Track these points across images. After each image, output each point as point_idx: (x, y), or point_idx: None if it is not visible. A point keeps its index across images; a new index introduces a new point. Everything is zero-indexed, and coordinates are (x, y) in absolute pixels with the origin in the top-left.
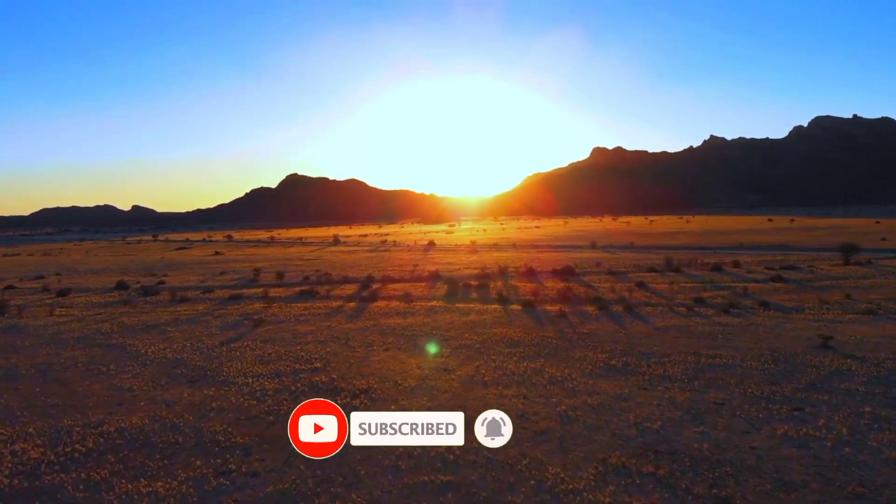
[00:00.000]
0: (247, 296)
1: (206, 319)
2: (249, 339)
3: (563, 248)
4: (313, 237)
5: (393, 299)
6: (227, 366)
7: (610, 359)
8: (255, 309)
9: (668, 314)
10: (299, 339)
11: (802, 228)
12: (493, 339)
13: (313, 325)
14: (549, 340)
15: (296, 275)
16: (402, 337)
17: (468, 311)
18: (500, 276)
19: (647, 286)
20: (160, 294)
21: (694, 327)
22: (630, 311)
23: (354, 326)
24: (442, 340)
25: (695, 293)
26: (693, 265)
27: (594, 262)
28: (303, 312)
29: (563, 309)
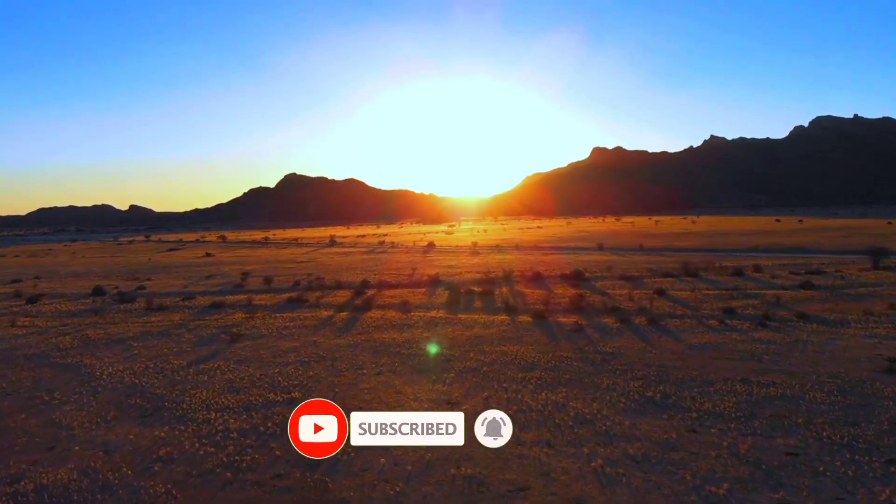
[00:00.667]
0: (229, 303)
1: (178, 333)
2: (223, 358)
3: (569, 250)
4: (309, 238)
5: (389, 308)
6: (191, 394)
7: (644, 388)
8: (235, 320)
9: (698, 328)
10: (279, 359)
11: (814, 230)
12: (503, 359)
13: (297, 340)
14: (569, 362)
15: (286, 279)
16: (398, 356)
17: (472, 323)
18: (504, 282)
19: (667, 294)
20: (136, 301)
21: (732, 345)
22: (655, 324)
23: (344, 342)
24: (443, 361)
25: (722, 302)
26: (711, 269)
27: (604, 266)
28: (287, 324)
29: (579, 321)
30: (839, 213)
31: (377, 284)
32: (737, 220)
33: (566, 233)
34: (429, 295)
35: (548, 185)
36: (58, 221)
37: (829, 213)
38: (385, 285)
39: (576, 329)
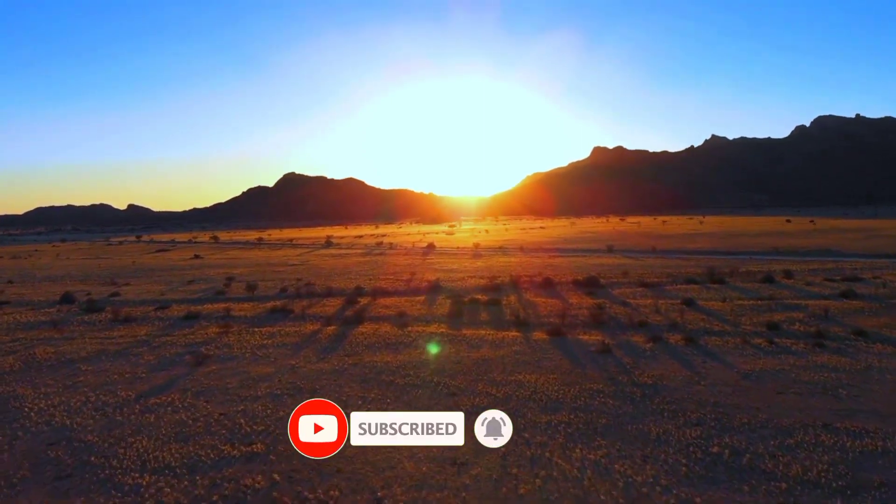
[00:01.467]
0: (205, 314)
1: (138, 353)
2: (180, 388)
3: (577, 253)
4: (305, 238)
5: (383, 321)
6: (127, 444)
7: (706, 440)
8: (206, 336)
9: (744, 350)
10: (247, 391)
11: (829, 231)
12: (520, 394)
13: (273, 364)
14: (602, 399)
15: (273, 284)
16: (391, 388)
17: (479, 341)
18: (512, 289)
19: (696, 304)
20: (104, 311)
21: (793, 373)
22: (693, 343)
23: (328, 367)
24: (447, 395)
25: (761, 315)
26: (736, 275)
27: (619, 270)
28: (265, 342)
29: (605, 340)
30: (850, 214)
31: (372, 291)
32: (745, 221)
33: (571, 233)
34: (428, 304)
35: (548, 184)
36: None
37: (839, 214)
38: (380, 292)
39: (602, 350)
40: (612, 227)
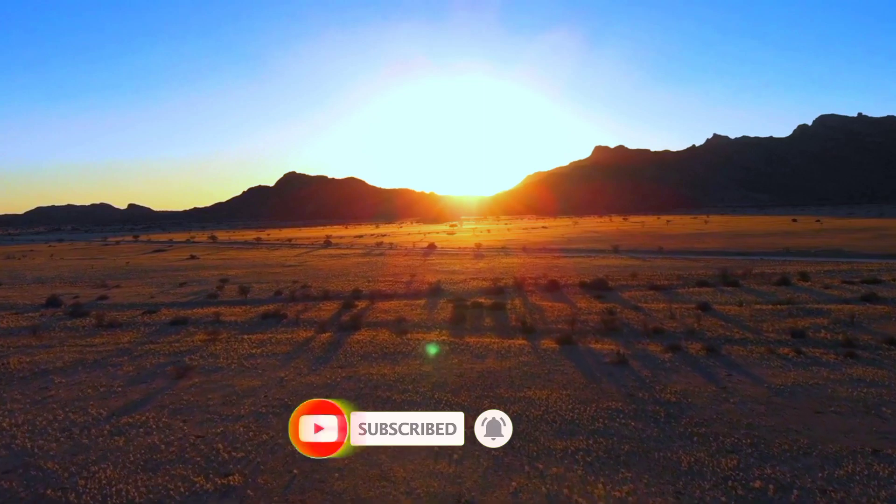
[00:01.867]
0: (194, 319)
1: (118, 363)
2: (157, 404)
3: (582, 253)
4: (304, 238)
5: (381, 327)
6: (90, 474)
7: (746, 472)
8: (192, 344)
9: (771, 361)
10: (229, 409)
11: (838, 230)
12: (530, 413)
13: (260, 376)
14: (622, 420)
15: (268, 287)
16: (388, 405)
17: (484, 350)
18: (516, 292)
19: (712, 309)
20: (89, 316)
21: (828, 388)
22: (715, 353)
23: (319, 381)
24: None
25: (782, 321)
26: (750, 277)
27: (626, 272)
28: (254, 350)
29: (619, 350)
30: (856, 213)
31: (370, 295)
32: (750, 220)
33: (574, 233)
34: (429, 309)
35: (549, 184)
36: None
37: (845, 213)
38: (379, 295)
39: (617, 361)
40: (616, 227)
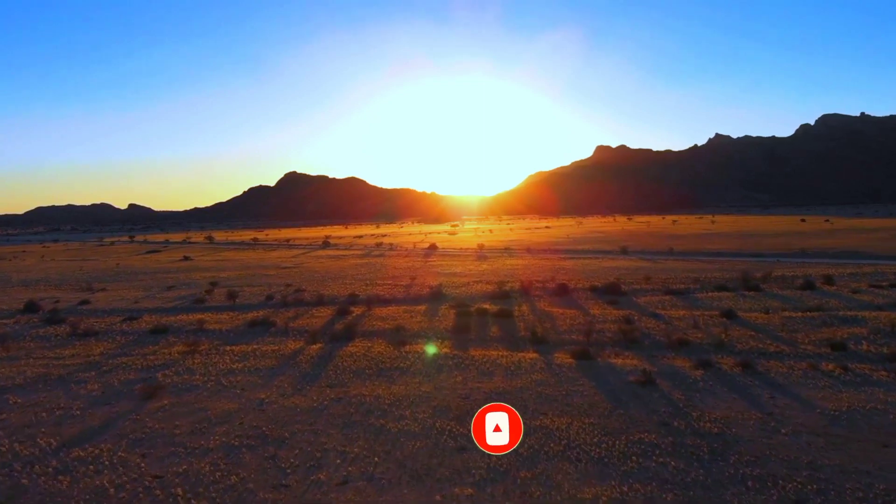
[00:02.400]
0: (176, 328)
1: (84, 379)
2: (116, 433)
3: (589, 254)
4: (302, 239)
5: (377, 337)
6: None
7: None
8: (168, 357)
9: (817, 379)
10: (197, 441)
11: (849, 231)
12: (548, 449)
13: (237, 398)
14: (659, 458)
15: (259, 291)
16: (381, 437)
17: (490, 365)
18: (523, 296)
19: (738, 316)
20: (65, 323)
21: (890, 413)
22: (751, 370)
23: (304, 404)
24: (454, 451)
25: (817, 331)
26: (770, 280)
27: (639, 275)
28: (235, 365)
29: (644, 366)
30: (863, 213)
31: (367, 300)
32: (757, 220)
33: (578, 233)
34: (430, 316)
35: (551, 183)
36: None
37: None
38: (376, 300)
39: (643, 380)
40: (621, 227)
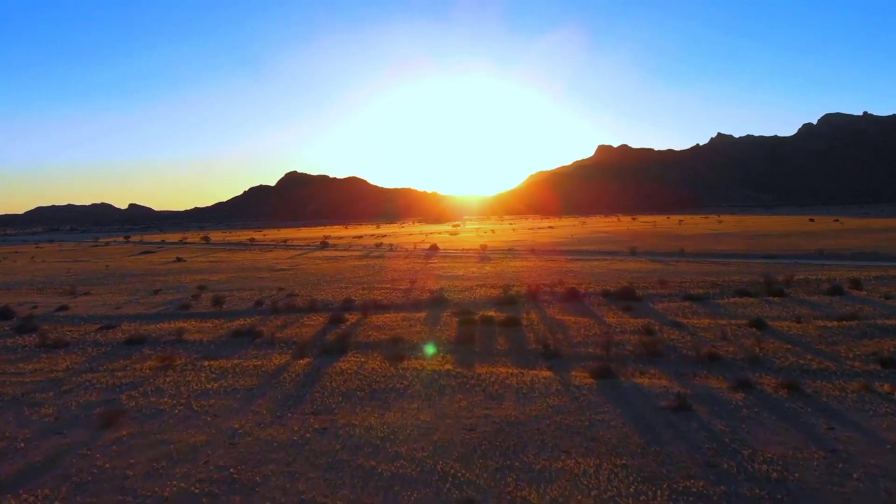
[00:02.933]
0: (153, 338)
1: (40, 401)
2: (59, 473)
3: (596, 255)
4: (301, 239)
5: (372, 350)
6: None
7: None
8: (138, 374)
9: (875, 403)
10: (150, 485)
11: (862, 231)
12: (573, 499)
13: (207, 427)
14: None
15: (249, 295)
16: (371, 482)
17: (500, 386)
18: (530, 302)
19: (769, 326)
20: (35, 332)
21: None
22: (797, 392)
23: (283, 437)
24: (458, 503)
25: (859, 343)
26: (794, 284)
27: (653, 278)
28: (210, 385)
29: (676, 388)
30: (870, 213)
31: (363, 305)
32: (763, 220)
33: (583, 234)
34: (430, 324)
35: (552, 183)
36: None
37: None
38: (373, 306)
39: (677, 406)
40: (626, 227)
